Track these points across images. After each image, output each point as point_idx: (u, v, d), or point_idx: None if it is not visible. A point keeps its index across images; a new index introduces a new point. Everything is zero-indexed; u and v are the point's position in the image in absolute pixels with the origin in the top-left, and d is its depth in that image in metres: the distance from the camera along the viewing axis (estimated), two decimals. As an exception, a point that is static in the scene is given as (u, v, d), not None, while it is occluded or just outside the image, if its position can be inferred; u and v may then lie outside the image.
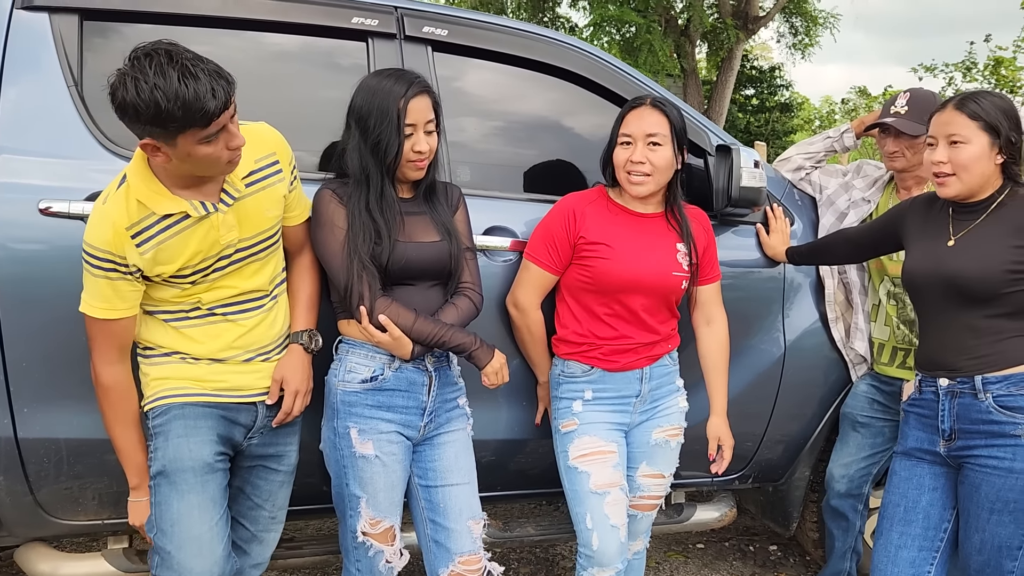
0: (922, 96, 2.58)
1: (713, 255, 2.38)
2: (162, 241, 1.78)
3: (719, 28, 15.13)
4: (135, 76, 1.58)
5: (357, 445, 1.98)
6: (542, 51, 2.51)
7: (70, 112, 2.05)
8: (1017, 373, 1.95)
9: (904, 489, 2.12)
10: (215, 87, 1.62)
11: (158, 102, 1.57)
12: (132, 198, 1.75)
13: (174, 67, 1.58)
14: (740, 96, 21.98)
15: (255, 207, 1.89)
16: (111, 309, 1.80)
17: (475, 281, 2.13)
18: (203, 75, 1.60)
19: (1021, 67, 13.04)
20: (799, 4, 17.09)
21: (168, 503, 1.83)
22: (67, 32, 2.09)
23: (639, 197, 2.23)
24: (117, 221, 1.74)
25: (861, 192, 2.76)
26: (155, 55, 1.59)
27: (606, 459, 2.21)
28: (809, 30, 17.84)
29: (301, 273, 2.09)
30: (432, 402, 2.07)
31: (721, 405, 2.41)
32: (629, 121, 2.20)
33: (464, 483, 2.12)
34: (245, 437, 1.98)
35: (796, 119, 23.31)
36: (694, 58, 16.17)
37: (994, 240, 1.98)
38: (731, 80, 15.98)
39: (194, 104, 1.59)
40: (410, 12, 2.39)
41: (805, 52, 17.99)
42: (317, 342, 2.05)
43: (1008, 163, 2.00)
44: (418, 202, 2.09)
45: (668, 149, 2.18)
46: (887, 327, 2.65)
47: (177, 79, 1.57)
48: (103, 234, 1.74)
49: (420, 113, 1.96)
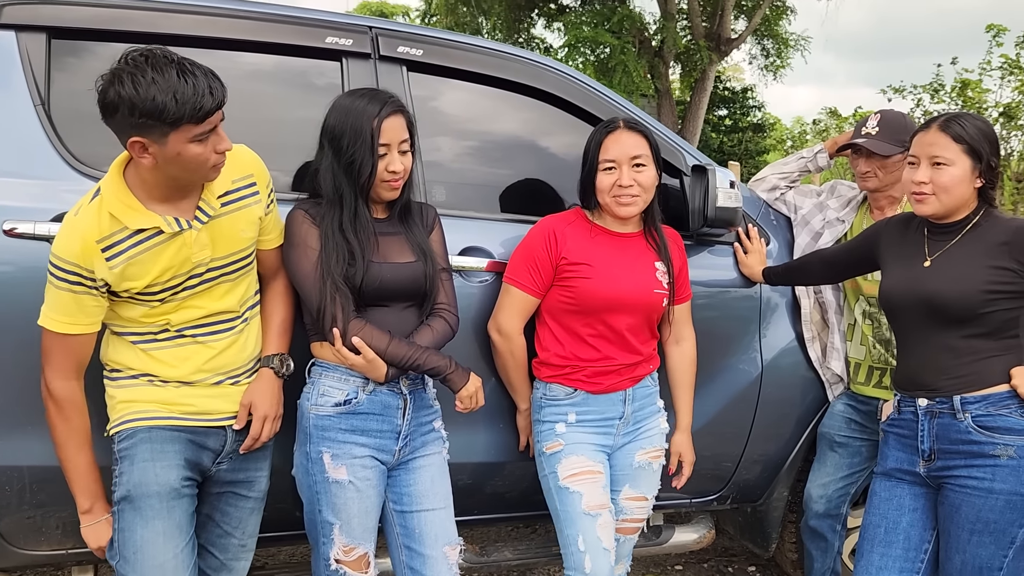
0: (893, 117, 2.60)
1: (686, 275, 2.39)
2: (132, 256, 1.75)
3: (692, 49, 15.33)
4: (132, 72, 1.60)
5: (330, 470, 1.94)
6: (517, 71, 2.50)
7: (37, 131, 2.01)
8: (995, 393, 1.96)
9: (884, 510, 2.11)
10: (211, 85, 1.67)
11: (155, 96, 1.59)
12: (105, 211, 1.72)
13: (172, 66, 1.62)
14: (713, 116, 22.23)
15: (230, 227, 1.86)
16: (72, 324, 1.76)
17: (451, 302, 2.10)
18: (200, 74, 1.65)
19: (987, 89, 13.29)
20: (770, 27, 17.37)
21: (132, 529, 1.79)
22: (34, 50, 2.05)
23: (627, 218, 2.22)
24: (87, 234, 1.71)
25: (835, 212, 2.77)
26: (151, 55, 1.62)
27: (596, 480, 2.19)
28: (780, 52, 18.12)
29: (275, 297, 2.05)
30: (407, 425, 2.04)
31: (686, 422, 2.42)
32: (608, 146, 2.18)
33: (440, 508, 2.08)
34: (214, 462, 1.93)
35: (768, 139, 23.60)
36: (668, 79, 16.34)
37: (970, 261, 1.99)
38: (704, 100, 16.17)
39: (192, 99, 1.62)
40: (385, 32, 2.37)
41: (776, 73, 18.26)
42: (288, 367, 2.02)
43: (985, 187, 2.02)
44: (393, 222, 2.07)
45: (651, 169, 2.18)
46: (863, 346, 2.66)
47: (176, 75, 1.61)
48: (71, 247, 1.71)
49: (394, 132, 1.94)
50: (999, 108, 11.90)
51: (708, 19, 16.23)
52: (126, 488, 1.81)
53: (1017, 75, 12.01)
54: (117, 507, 1.82)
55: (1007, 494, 1.91)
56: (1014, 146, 12.17)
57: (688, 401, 2.43)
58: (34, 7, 2.06)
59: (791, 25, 17.83)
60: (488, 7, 16.10)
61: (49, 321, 1.75)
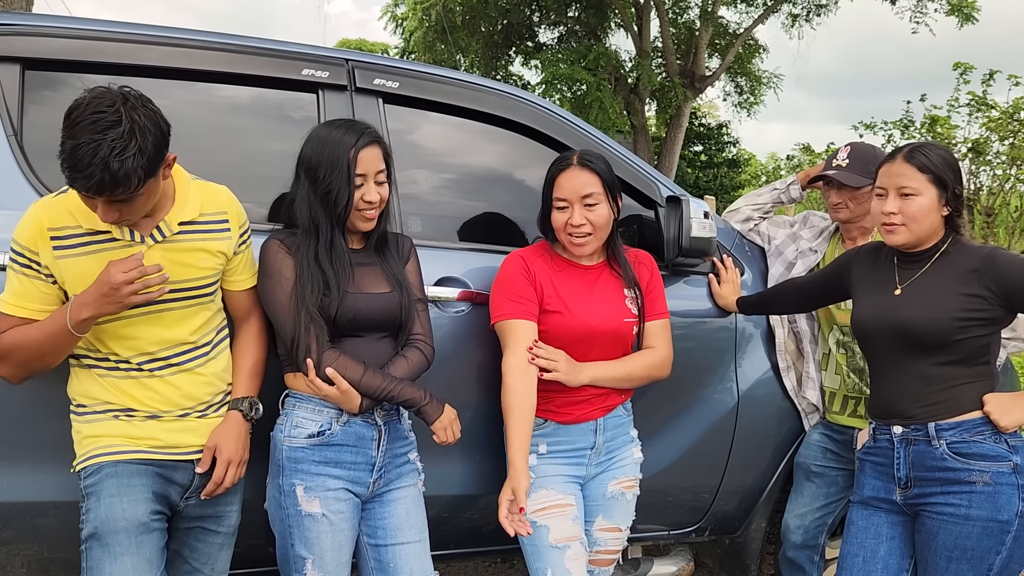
0: (862, 149, 2.64)
1: (658, 292, 2.36)
2: (80, 255, 1.76)
3: (667, 87, 15.55)
4: (69, 124, 1.58)
5: (303, 503, 1.91)
6: (491, 103, 2.52)
7: (9, 162, 2.00)
8: (969, 419, 1.97)
9: (862, 539, 2.11)
10: (104, 169, 1.58)
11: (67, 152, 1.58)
12: (65, 206, 1.77)
13: (82, 133, 1.57)
14: (689, 152, 22.53)
15: (188, 255, 1.86)
16: (20, 307, 1.78)
17: (426, 333, 2.10)
18: (95, 155, 1.56)
19: (956, 125, 13.57)
20: (743, 65, 17.70)
21: (100, 568, 1.74)
22: (8, 82, 2.05)
23: (582, 256, 2.23)
24: (41, 221, 1.76)
25: (808, 242, 2.80)
26: (79, 114, 1.58)
27: (565, 512, 2.17)
28: (754, 89, 18.44)
29: (247, 340, 2.04)
30: (382, 457, 2.02)
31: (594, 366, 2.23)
32: (561, 184, 2.18)
33: (415, 541, 2.06)
34: (182, 497, 1.89)
35: (743, 174, 23.91)
36: (643, 115, 16.57)
37: (941, 288, 2.01)
38: (680, 136, 16.39)
39: (83, 177, 1.58)
40: (361, 64, 2.39)
41: (750, 110, 18.57)
42: (257, 411, 1.99)
43: (952, 215, 2.05)
44: (368, 253, 2.06)
45: (604, 206, 2.18)
46: (837, 376, 2.67)
47: (82, 146, 1.56)
48: (26, 230, 1.76)
49: (370, 163, 1.95)
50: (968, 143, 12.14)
51: (682, 57, 16.52)
52: (93, 525, 1.77)
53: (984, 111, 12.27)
54: (85, 545, 1.78)
55: (983, 520, 1.91)
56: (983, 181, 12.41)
57: (612, 364, 2.24)
58: (8, 39, 2.06)
59: (763, 63, 18.14)
60: (466, 45, 16.30)
61: (1, 304, 1.79)
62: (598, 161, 2.21)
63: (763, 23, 16.50)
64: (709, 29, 16.05)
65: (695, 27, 16.39)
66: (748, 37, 17.00)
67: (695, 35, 16.27)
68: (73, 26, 2.13)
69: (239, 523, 2.01)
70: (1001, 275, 1.94)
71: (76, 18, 2.25)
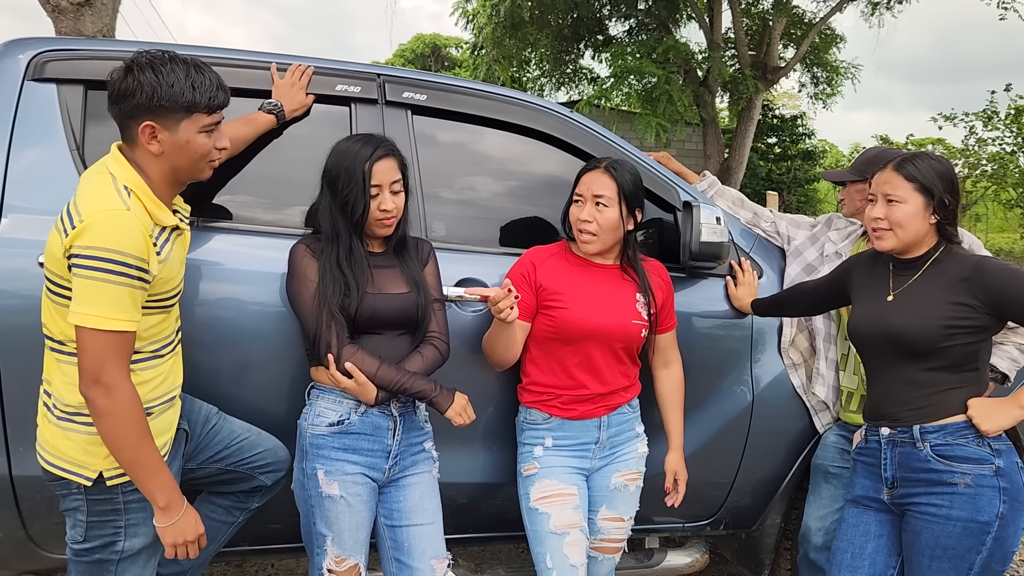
0: (869, 154, 2.82)
1: (671, 306, 2.49)
2: (168, 253, 1.85)
3: (738, 78, 15.29)
4: (151, 62, 1.79)
5: (323, 485, 2.09)
6: (515, 113, 2.66)
7: (71, 174, 2.21)
8: (953, 423, 2.03)
9: (851, 536, 2.18)
10: (221, 84, 1.86)
11: (175, 83, 1.78)
12: (141, 209, 1.78)
13: (186, 63, 1.82)
14: (762, 144, 22.07)
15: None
16: (131, 320, 1.74)
17: (442, 331, 2.25)
18: (210, 73, 1.85)
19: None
20: (819, 55, 17.24)
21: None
22: (72, 101, 2.27)
23: (587, 254, 2.35)
24: (145, 227, 1.75)
25: (834, 245, 2.85)
26: (168, 52, 1.84)
27: (566, 501, 2.30)
28: (831, 80, 17.95)
29: None
30: (397, 445, 2.18)
31: (678, 441, 2.51)
32: (583, 181, 2.35)
33: (428, 523, 2.21)
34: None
35: (820, 166, 23.32)
36: (714, 107, 16.33)
37: (931, 296, 2.07)
38: (751, 129, 16.09)
39: (208, 89, 1.82)
40: (391, 79, 2.55)
41: (826, 102, 18.09)
42: None
43: (942, 223, 2.10)
44: (388, 256, 2.23)
45: (614, 211, 2.30)
46: (856, 376, 2.71)
47: (192, 69, 1.82)
48: (134, 240, 1.71)
49: (385, 174, 2.11)
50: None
51: (755, 48, 16.22)
52: (145, 537, 1.87)
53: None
54: (129, 558, 1.87)
55: (964, 521, 1.97)
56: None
57: (678, 421, 2.52)
58: (73, 62, 2.29)
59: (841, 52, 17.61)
60: (535, 39, 16.33)
61: (108, 321, 1.70)
62: (622, 171, 2.33)
63: (840, 11, 16.07)
64: (783, 19, 15.71)
65: (768, 17, 16.07)
66: (824, 26, 16.57)
67: (769, 25, 15.95)
68: (128, 49, 2.33)
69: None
70: (988, 284, 1.99)
71: (131, 41, 2.48)
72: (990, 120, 14.80)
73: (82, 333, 1.71)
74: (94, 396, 1.73)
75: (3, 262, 2.11)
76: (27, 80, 2.25)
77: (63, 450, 1.83)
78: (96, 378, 1.72)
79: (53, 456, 1.85)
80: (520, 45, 16.37)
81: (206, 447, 2.13)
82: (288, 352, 2.29)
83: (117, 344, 1.73)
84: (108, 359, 1.72)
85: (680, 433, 2.52)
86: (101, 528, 1.85)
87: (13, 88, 2.24)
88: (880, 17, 16.69)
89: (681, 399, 2.54)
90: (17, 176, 2.17)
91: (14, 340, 2.10)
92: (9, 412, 2.13)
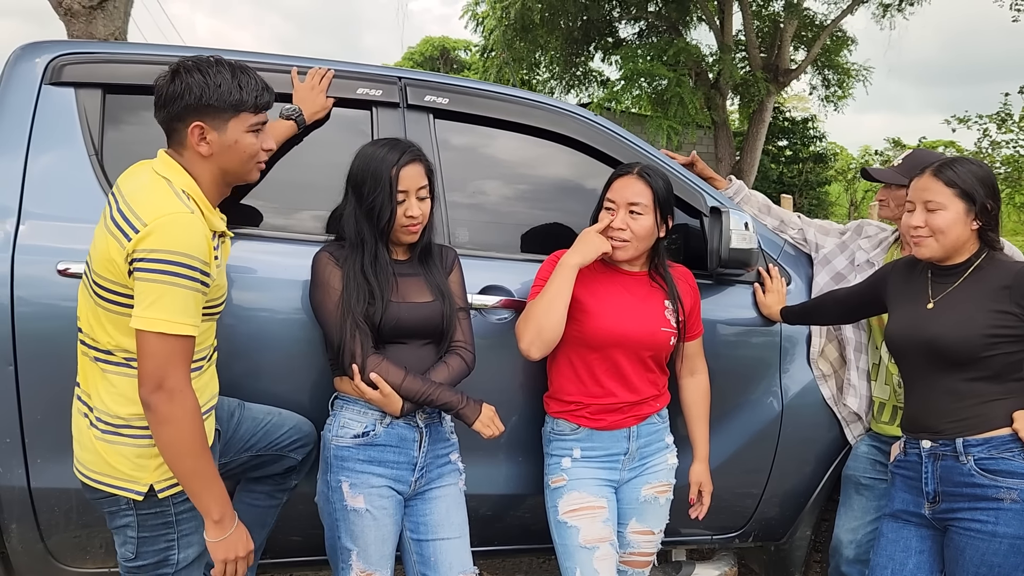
0: (921, 155, 2.66)
1: (698, 313, 2.44)
2: (220, 259, 1.85)
3: (749, 81, 15.24)
4: (197, 66, 1.78)
5: (348, 499, 2.05)
6: (538, 117, 2.61)
7: (90, 179, 2.18)
8: (997, 436, 1.97)
9: (891, 551, 2.12)
10: (266, 85, 1.86)
11: (222, 83, 1.77)
12: (198, 214, 1.75)
13: (231, 65, 1.83)
14: (773, 147, 22.01)
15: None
16: (195, 326, 1.72)
17: (467, 340, 2.20)
18: (254, 74, 1.86)
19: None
20: (830, 57, 17.17)
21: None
22: (90, 106, 2.23)
23: (618, 260, 2.30)
24: (207, 232, 1.74)
25: (865, 253, 2.78)
26: (213, 57, 1.83)
27: (596, 514, 2.24)
28: (842, 82, 17.89)
29: None
30: (423, 458, 2.13)
31: (704, 452, 2.46)
32: (615, 187, 2.29)
33: (455, 537, 2.16)
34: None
35: (831, 170, 23.23)
36: (725, 110, 16.29)
37: (972, 304, 2.01)
38: (762, 131, 16.04)
39: (254, 89, 1.82)
40: (412, 82, 2.51)
41: (838, 104, 18.02)
42: None
43: (984, 229, 2.04)
44: (413, 264, 2.18)
45: (648, 218, 2.25)
46: (887, 386, 2.66)
47: (238, 71, 1.82)
48: (200, 243, 1.69)
49: (412, 180, 2.06)
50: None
51: (766, 50, 16.16)
52: (198, 547, 1.83)
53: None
54: (184, 569, 1.84)
55: (1011, 538, 1.91)
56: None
57: (704, 431, 2.47)
58: (91, 66, 2.25)
59: (852, 55, 17.54)
60: (545, 41, 16.31)
61: (177, 326, 1.67)
62: (656, 177, 2.28)
63: (851, 14, 16.00)
64: (794, 22, 15.65)
65: (780, 19, 16.01)
66: (835, 29, 16.50)
67: (780, 28, 15.90)
68: (146, 52, 2.31)
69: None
70: None
71: (147, 44, 2.44)
72: (1004, 122, 14.69)
73: (147, 338, 1.66)
74: (157, 402, 1.67)
75: (22, 269, 2.07)
76: (44, 84, 2.21)
77: (112, 465, 1.76)
78: (160, 384, 1.67)
79: (98, 473, 1.78)
80: (530, 47, 16.37)
81: (234, 439, 2.09)
82: (310, 361, 2.24)
83: (182, 349, 1.69)
84: (173, 364, 1.68)
85: (706, 443, 2.47)
86: (154, 543, 1.81)
87: (31, 93, 2.20)
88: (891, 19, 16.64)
89: (707, 408, 2.48)
90: (35, 182, 2.13)
91: (33, 347, 2.07)
92: (27, 421, 2.09)
